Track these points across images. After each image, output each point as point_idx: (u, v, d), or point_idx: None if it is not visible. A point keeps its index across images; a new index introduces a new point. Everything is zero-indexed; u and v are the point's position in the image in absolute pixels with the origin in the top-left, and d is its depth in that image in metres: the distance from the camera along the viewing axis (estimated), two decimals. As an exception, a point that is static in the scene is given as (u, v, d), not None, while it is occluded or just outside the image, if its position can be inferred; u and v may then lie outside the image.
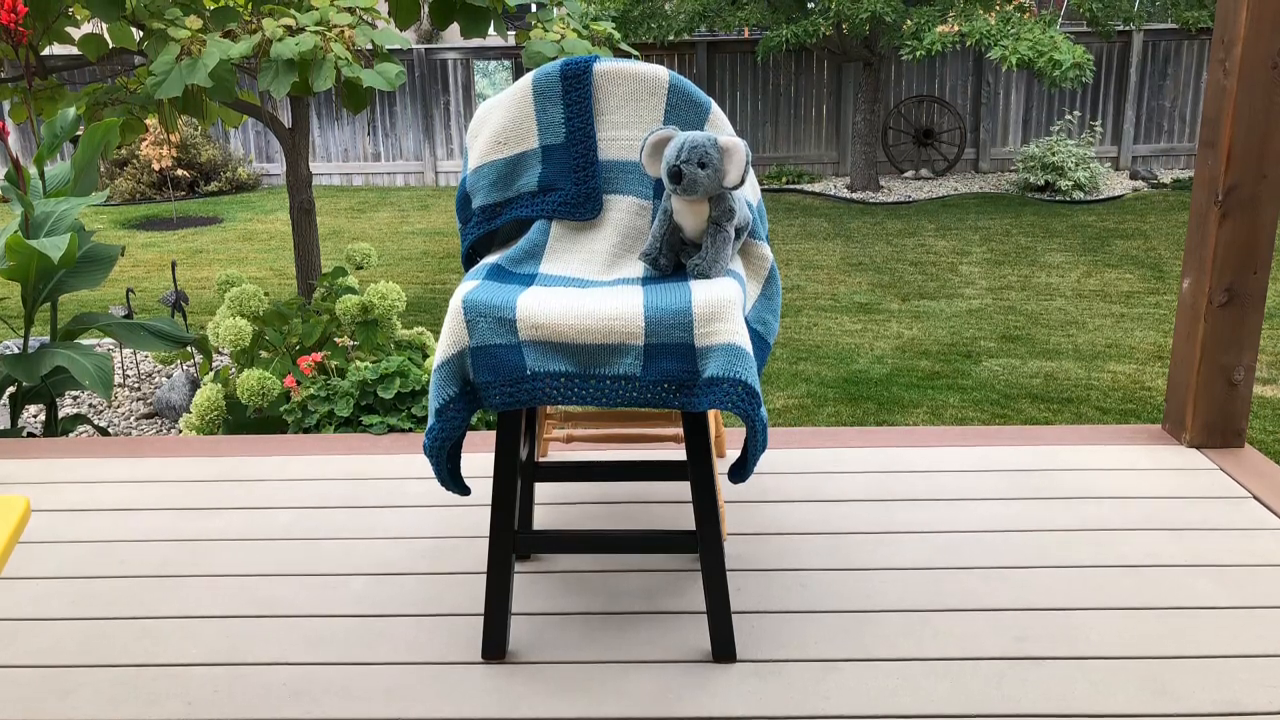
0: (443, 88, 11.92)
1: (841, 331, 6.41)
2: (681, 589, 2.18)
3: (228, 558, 2.35)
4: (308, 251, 5.87)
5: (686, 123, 2.04)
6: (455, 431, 1.83)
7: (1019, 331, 6.33)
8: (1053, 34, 8.74)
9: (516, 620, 2.07)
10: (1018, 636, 1.99)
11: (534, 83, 2.07)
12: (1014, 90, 11.70)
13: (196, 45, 4.36)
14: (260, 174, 12.23)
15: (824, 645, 1.97)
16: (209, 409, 3.87)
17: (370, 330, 4.11)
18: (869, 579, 2.21)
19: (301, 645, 2.00)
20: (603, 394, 1.79)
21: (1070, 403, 5.11)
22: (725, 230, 1.90)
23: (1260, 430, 4.71)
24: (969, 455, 2.83)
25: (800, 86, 11.85)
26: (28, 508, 1.46)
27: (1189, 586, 2.16)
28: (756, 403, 1.75)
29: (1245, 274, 2.69)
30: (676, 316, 1.76)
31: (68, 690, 1.88)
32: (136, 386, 5.42)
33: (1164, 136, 11.81)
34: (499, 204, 2.11)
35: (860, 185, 11.00)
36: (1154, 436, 2.93)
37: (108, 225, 10.17)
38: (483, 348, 1.79)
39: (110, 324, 3.77)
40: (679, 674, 1.90)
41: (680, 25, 10.67)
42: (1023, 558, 2.28)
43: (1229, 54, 2.58)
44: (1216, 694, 1.82)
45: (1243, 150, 2.60)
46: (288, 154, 5.71)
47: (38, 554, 2.38)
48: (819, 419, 4.97)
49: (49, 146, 3.74)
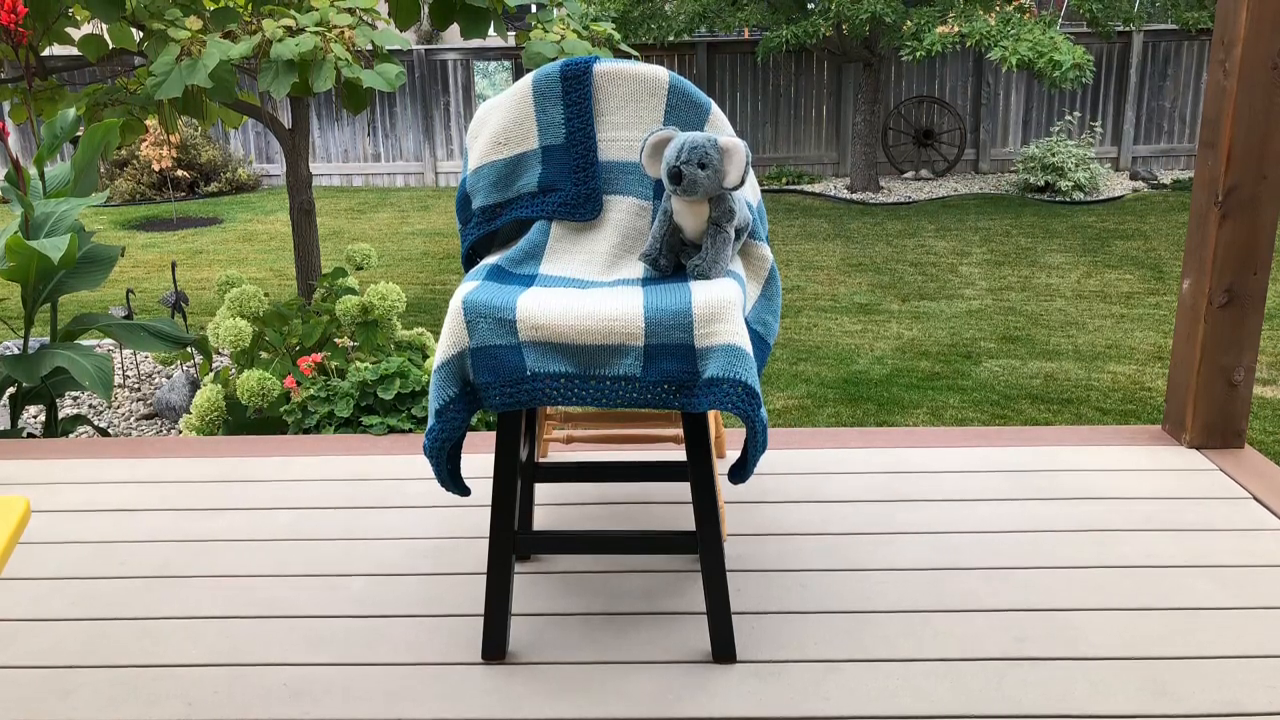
0: (443, 88, 11.92)
1: (841, 332, 6.41)
2: (681, 590, 2.18)
3: (228, 558, 2.35)
4: (308, 252, 5.87)
5: (686, 123, 2.04)
6: (455, 432, 1.83)
7: (1019, 332, 6.33)
8: (1053, 34, 8.74)
9: (516, 621, 2.07)
10: (1018, 637, 1.99)
11: (534, 83, 2.07)
12: (1014, 91, 11.71)
13: (196, 46, 4.36)
14: (260, 175, 12.24)
15: (824, 646, 1.97)
16: (209, 410, 3.87)
17: (370, 331, 4.11)
18: (869, 580, 2.21)
19: (302, 646, 2.01)
20: (603, 395, 1.79)
21: (1070, 403, 5.11)
22: (725, 231, 1.90)
23: (1260, 431, 4.71)
24: (969, 456, 2.83)
25: (800, 87, 11.86)
26: (28, 508, 1.46)
27: (1189, 587, 2.16)
28: (756, 403, 1.75)
29: (1245, 275, 2.69)
30: (676, 317, 1.76)
31: (68, 690, 1.88)
32: (136, 387, 5.42)
33: (1164, 137, 11.82)
34: (499, 205, 2.11)
35: (860, 186, 11.00)
36: (1154, 437, 2.93)
37: (108, 226, 10.17)
38: (483, 348, 1.80)
39: (110, 325, 3.77)
40: (679, 675, 1.90)
41: (680, 26, 10.67)
42: (1023, 558, 2.29)
43: (1229, 55, 2.58)
44: (1216, 694, 1.82)
45: (1243, 151, 2.60)
46: (288, 155, 5.71)
47: (38, 554, 2.38)
48: (819, 420, 4.97)
49: (49, 147, 3.74)
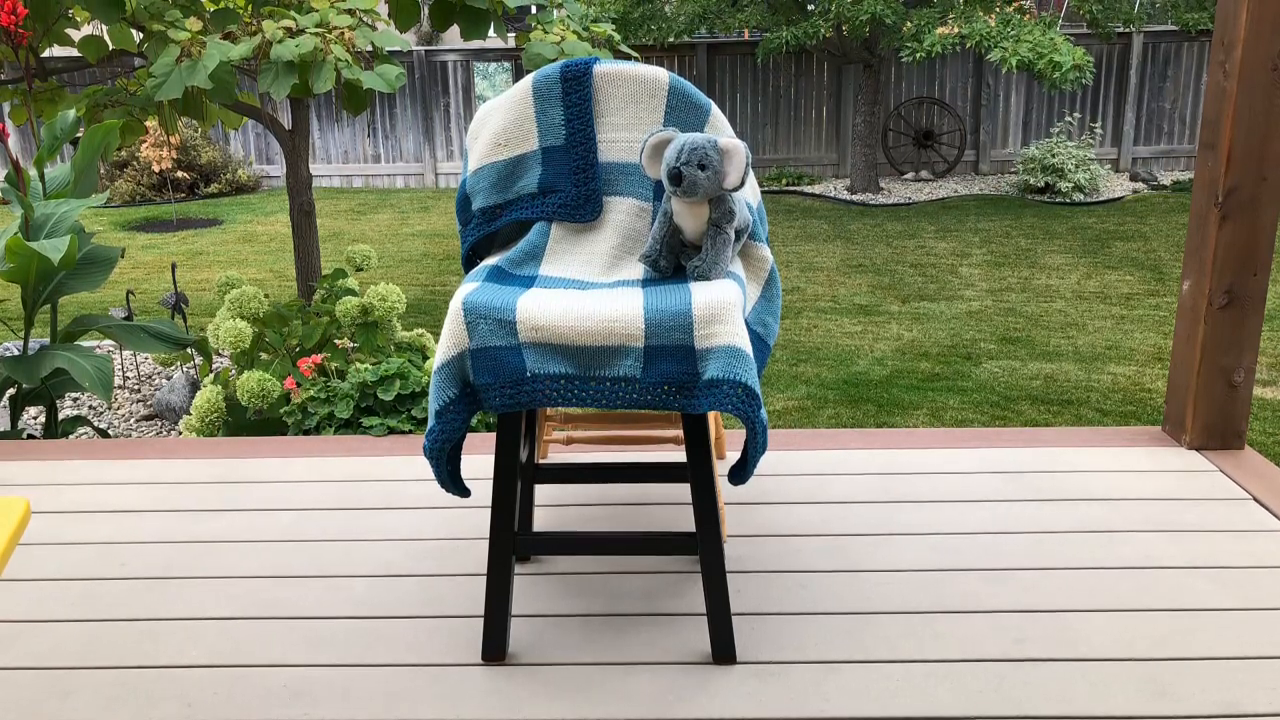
0: (443, 89, 11.93)
1: (841, 333, 6.41)
2: (681, 590, 2.18)
3: (228, 560, 2.35)
4: (308, 253, 5.87)
5: (686, 124, 2.04)
6: (455, 433, 1.83)
7: (1019, 333, 6.33)
8: (1053, 36, 8.74)
9: (516, 622, 2.07)
10: (1018, 638, 1.99)
11: (534, 84, 2.07)
12: (1014, 92, 11.71)
13: (196, 47, 4.36)
14: (260, 176, 12.24)
15: (824, 647, 1.97)
16: (209, 411, 3.87)
17: (370, 332, 4.11)
18: (869, 580, 2.21)
19: (302, 647, 2.00)
20: (603, 396, 1.79)
21: (1070, 404, 5.11)
22: (725, 232, 1.90)
23: (1260, 432, 4.71)
24: (969, 457, 2.83)
25: (800, 88, 11.86)
26: (28, 509, 1.46)
27: (1189, 588, 2.16)
28: (756, 404, 1.75)
29: (1245, 276, 2.69)
30: (676, 318, 1.76)
31: (68, 692, 1.88)
32: (136, 388, 5.42)
33: (1164, 138, 11.82)
34: (499, 206, 2.11)
35: (860, 187, 11.00)
36: (1154, 438, 2.93)
37: (108, 227, 10.17)
38: (483, 349, 1.80)
39: (110, 326, 3.77)
40: (679, 676, 1.90)
41: (680, 27, 10.68)
42: (1023, 559, 2.29)
43: (1229, 56, 2.58)
44: (1216, 695, 1.82)
45: (1243, 152, 2.60)
46: (288, 156, 5.71)
47: (38, 556, 2.38)
48: (819, 421, 4.97)
49: (49, 148, 3.74)
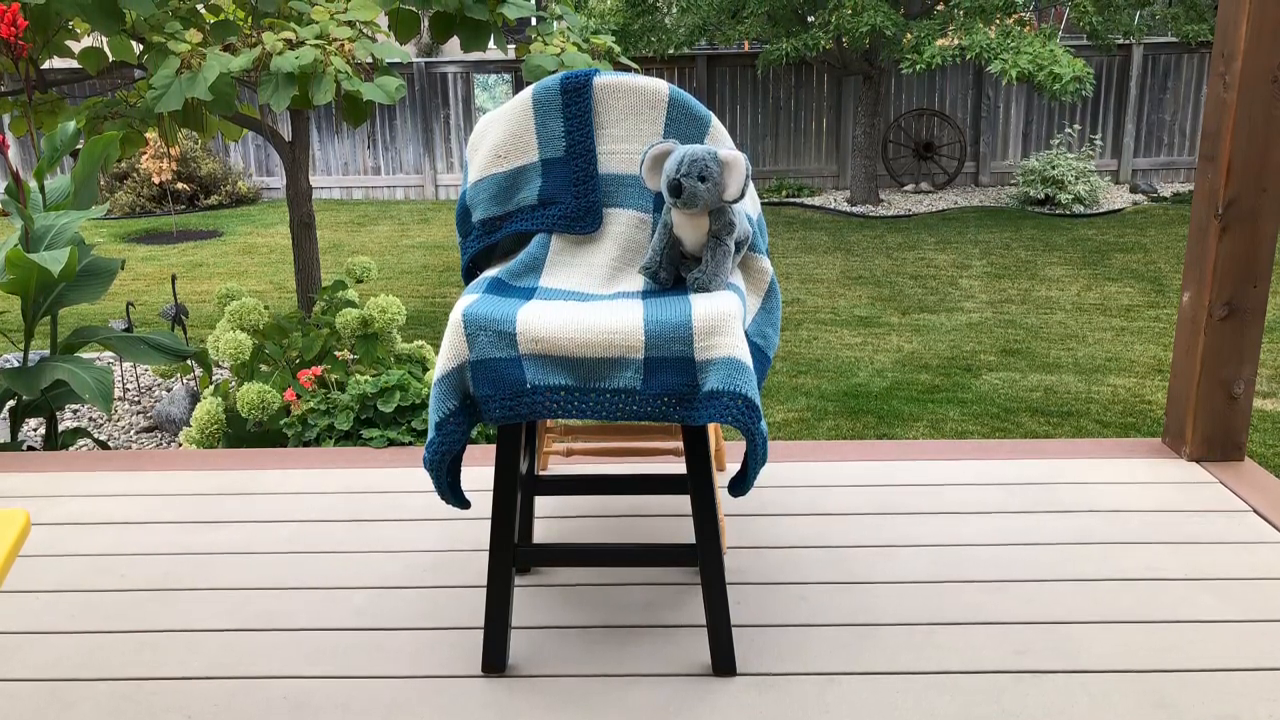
0: (442, 101, 11.96)
1: (841, 345, 6.41)
2: (682, 602, 2.17)
3: (228, 571, 2.35)
4: (308, 265, 5.88)
5: (686, 136, 2.04)
6: (455, 445, 1.83)
7: (1019, 345, 6.33)
8: (1053, 47, 8.76)
9: (516, 634, 2.07)
10: (1018, 650, 1.99)
11: (534, 96, 2.08)
12: (1014, 104, 11.74)
13: (196, 59, 4.37)
14: (260, 187, 12.26)
15: (824, 658, 1.97)
16: (209, 422, 3.87)
17: (370, 344, 4.12)
18: (869, 592, 2.20)
19: (301, 659, 2.00)
20: (603, 408, 1.79)
21: (1070, 416, 5.11)
22: (725, 244, 1.90)
23: (1260, 444, 4.70)
24: (969, 468, 2.83)
25: (800, 100, 11.89)
26: (28, 521, 1.46)
27: (1189, 600, 2.16)
28: (756, 416, 1.75)
29: (1245, 287, 2.70)
30: (676, 330, 1.76)
31: (68, 704, 1.88)
32: (136, 400, 5.41)
33: (1164, 150, 11.84)
34: (499, 217, 2.12)
35: (860, 199, 11.01)
36: (1154, 450, 2.93)
37: (108, 239, 10.18)
38: (483, 361, 1.80)
39: (110, 337, 3.77)
40: (679, 687, 1.89)
41: (680, 39, 10.70)
42: (1023, 571, 2.28)
43: (1229, 67, 2.59)
44: (1217, 707, 1.81)
45: (1243, 164, 2.61)
46: (288, 167, 5.72)
47: (38, 568, 2.38)
48: (819, 432, 4.97)
49: (49, 160, 3.75)
